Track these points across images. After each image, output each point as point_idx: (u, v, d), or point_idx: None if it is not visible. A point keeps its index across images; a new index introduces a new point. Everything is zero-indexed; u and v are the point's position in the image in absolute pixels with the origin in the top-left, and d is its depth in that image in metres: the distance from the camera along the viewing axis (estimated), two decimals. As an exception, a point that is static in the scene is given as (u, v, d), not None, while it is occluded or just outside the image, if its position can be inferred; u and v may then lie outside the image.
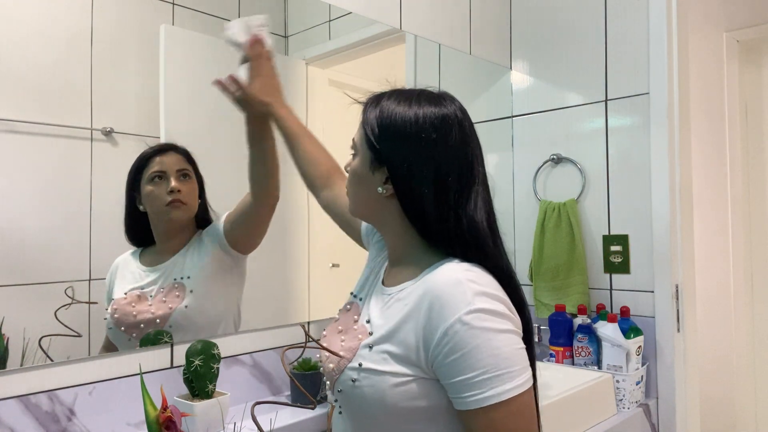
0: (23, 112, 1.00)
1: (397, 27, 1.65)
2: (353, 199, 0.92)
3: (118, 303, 1.13)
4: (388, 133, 0.85)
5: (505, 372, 0.72)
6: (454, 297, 0.74)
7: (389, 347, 0.79)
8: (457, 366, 0.73)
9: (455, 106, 0.88)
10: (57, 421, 1.00)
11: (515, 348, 0.74)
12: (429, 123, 0.83)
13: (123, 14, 1.13)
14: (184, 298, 1.20)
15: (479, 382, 0.72)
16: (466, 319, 0.72)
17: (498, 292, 0.77)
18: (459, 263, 0.80)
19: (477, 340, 0.72)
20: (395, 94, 0.89)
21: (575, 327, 1.71)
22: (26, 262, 1.00)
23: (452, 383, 0.74)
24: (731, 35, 2.62)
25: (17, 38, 1.00)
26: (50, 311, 1.02)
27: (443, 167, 0.83)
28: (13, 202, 0.99)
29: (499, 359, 0.72)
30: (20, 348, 0.98)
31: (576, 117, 1.86)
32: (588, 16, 1.83)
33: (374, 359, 0.80)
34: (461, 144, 0.85)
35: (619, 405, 1.56)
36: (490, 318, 0.73)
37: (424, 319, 0.76)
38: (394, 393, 0.77)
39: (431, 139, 0.83)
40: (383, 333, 0.81)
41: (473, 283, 0.75)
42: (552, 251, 1.84)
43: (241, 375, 1.27)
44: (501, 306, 0.76)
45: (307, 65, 1.48)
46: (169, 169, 1.18)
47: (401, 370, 0.77)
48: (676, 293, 1.66)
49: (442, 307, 0.74)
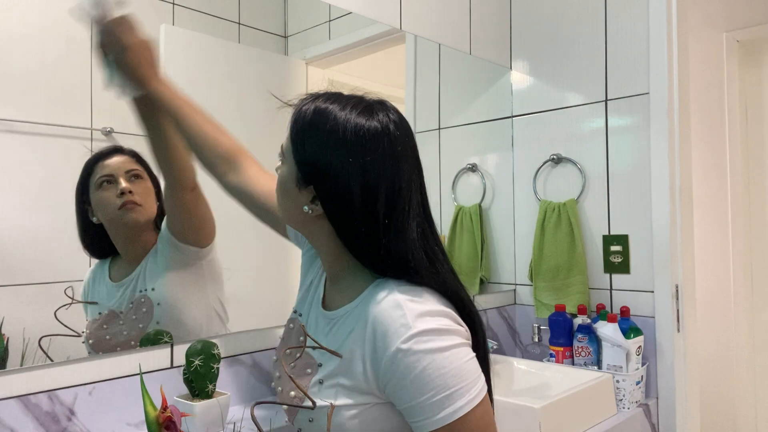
0: (23, 112, 1.00)
1: (397, 27, 1.65)
2: (281, 209, 0.88)
3: (90, 327, 1.07)
4: (312, 147, 0.79)
5: (455, 389, 0.71)
6: (394, 322, 0.73)
7: (339, 380, 0.78)
8: (407, 392, 0.72)
9: (389, 118, 0.80)
10: (57, 421, 1.00)
11: (463, 362, 0.73)
12: (357, 139, 0.77)
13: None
14: (153, 313, 1.13)
15: (430, 405, 0.71)
16: (407, 345, 0.71)
17: (438, 306, 0.76)
18: (397, 283, 0.78)
19: (422, 363, 0.71)
20: (328, 99, 0.81)
21: (575, 327, 1.71)
22: (26, 262, 1.00)
23: (405, 409, 0.73)
24: (731, 35, 2.62)
25: (17, 38, 1.00)
26: (50, 311, 1.02)
27: (371, 192, 0.77)
28: (13, 202, 0.99)
29: (447, 378, 0.71)
30: (20, 348, 0.98)
31: (576, 117, 1.86)
32: (588, 16, 1.83)
33: (326, 395, 0.79)
34: (391, 165, 0.78)
35: (619, 405, 1.56)
36: (431, 338, 0.72)
37: (369, 347, 0.75)
38: (353, 424, 0.76)
39: (358, 159, 0.76)
40: (332, 366, 0.79)
41: (413, 303, 0.74)
42: (552, 251, 1.84)
43: (241, 375, 1.27)
44: (444, 321, 0.74)
45: (307, 65, 1.48)
46: (117, 171, 1.10)
47: (355, 401, 0.76)
48: (676, 293, 1.66)
49: (384, 334, 0.73)
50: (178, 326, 1.17)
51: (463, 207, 1.90)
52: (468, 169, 1.93)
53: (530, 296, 1.93)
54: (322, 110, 0.79)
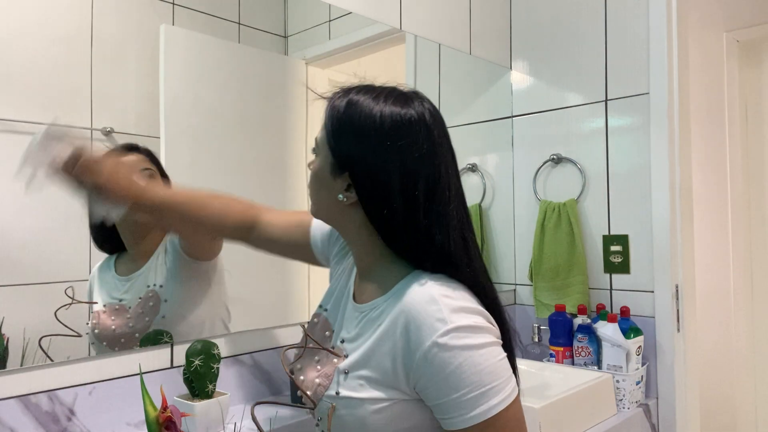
0: (23, 112, 1.00)
1: (397, 27, 1.65)
2: (315, 202, 0.86)
3: (97, 316, 1.09)
4: (348, 135, 0.79)
5: (490, 387, 0.71)
6: (429, 317, 0.72)
7: (365, 372, 0.77)
8: (441, 388, 0.71)
9: (424, 107, 0.80)
10: (57, 421, 1.00)
11: (497, 360, 0.73)
12: (393, 126, 0.77)
13: (123, 14, 1.13)
14: (160, 308, 1.16)
15: (465, 401, 0.70)
16: (444, 340, 0.70)
17: (473, 304, 0.75)
18: (431, 277, 0.77)
19: (458, 360, 0.70)
20: (361, 91, 0.81)
21: (575, 327, 1.71)
22: (26, 262, 1.00)
23: (437, 405, 0.73)
24: (731, 35, 2.62)
25: (17, 38, 1.00)
26: (50, 311, 1.02)
27: (410, 177, 0.76)
28: (12, 202, 0.99)
29: (483, 375, 0.70)
30: (20, 348, 0.98)
31: (576, 117, 1.86)
32: (588, 16, 1.83)
33: (351, 386, 0.78)
34: (429, 154, 0.78)
35: (619, 405, 1.56)
36: (468, 335, 0.71)
37: (401, 341, 0.73)
38: (375, 419, 0.75)
39: (396, 144, 0.76)
40: (358, 357, 0.78)
41: (448, 299, 0.73)
42: (552, 251, 1.84)
43: (241, 375, 1.27)
44: (478, 319, 0.74)
45: (307, 65, 1.48)
46: (134, 168, 1.13)
47: (380, 396, 0.75)
48: (676, 293, 1.66)
49: (419, 328, 0.72)
50: (182, 323, 1.19)
51: (463, 207, 1.90)
52: (468, 169, 1.93)
53: (530, 296, 1.93)
54: (357, 100, 0.79)
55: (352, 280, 0.91)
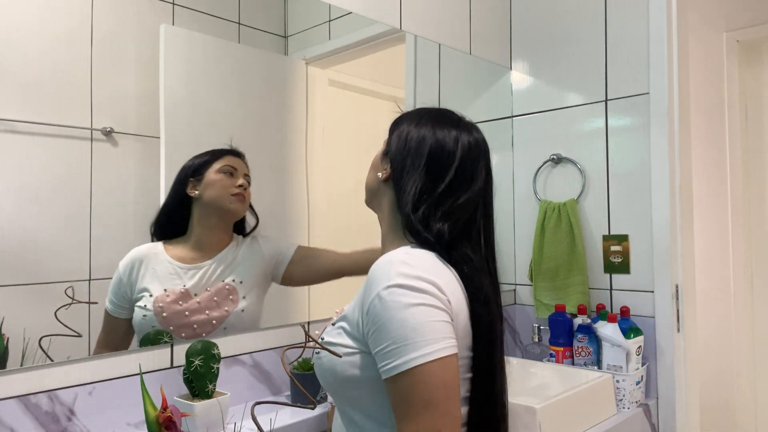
0: (23, 112, 1.00)
1: (397, 27, 1.65)
2: (366, 184, 1.01)
3: (162, 300, 1.13)
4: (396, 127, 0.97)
5: (411, 342, 0.75)
6: (379, 275, 0.80)
7: (343, 323, 0.87)
8: (376, 338, 0.78)
9: (456, 132, 0.95)
10: (57, 421, 1.00)
11: (427, 320, 0.77)
12: (433, 115, 0.95)
13: (123, 14, 1.13)
14: (238, 301, 1.24)
15: (388, 352, 0.76)
16: (383, 294, 0.78)
17: (425, 273, 0.80)
18: (410, 247, 0.87)
19: (389, 314, 0.77)
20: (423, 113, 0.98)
21: (575, 327, 1.71)
22: (26, 262, 1.00)
23: (375, 354, 0.79)
24: (731, 35, 2.62)
25: (17, 38, 1.00)
26: (50, 311, 1.02)
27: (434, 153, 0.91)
28: (13, 202, 0.99)
29: (407, 330, 0.76)
30: (20, 348, 0.98)
31: (576, 117, 1.86)
32: (588, 16, 1.83)
33: (332, 334, 0.88)
34: (464, 146, 0.95)
35: (619, 405, 1.55)
36: (403, 292, 0.77)
37: (361, 295, 0.83)
38: (341, 362, 0.84)
39: (431, 125, 0.93)
40: (344, 312, 0.89)
41: (402, 264, 0.81)
42: (552, 251, 1.84)
43: (241, 375, 1.27)
44: (421, 283, 0.79)
45: (307, 65, 1.48)
46: (240, 169, 1.27)
47: (348, 343, 0.84)
48: (676, 293, 1.66)
49: (370, 284, 0.81)
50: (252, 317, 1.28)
51: (463, 207, 1.90)
52: (468, 169, 1.93)
53: (530, 296, 1.93)
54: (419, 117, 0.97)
55: None
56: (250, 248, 1.30)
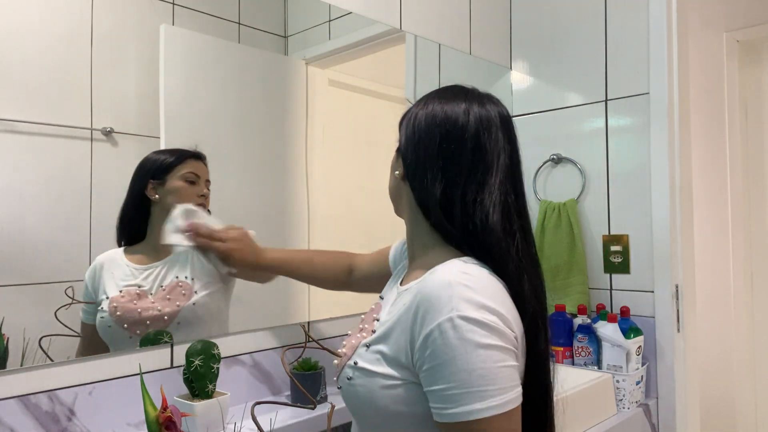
0: (23, 112, 1.00)
1: (397, 27, 1.65)
2: (389, 191, 0.93)
3: (116, 301, 1.12)
4: (404, 122, 0.88)
5: (477, 390, 0.66)
6: (439, 301, 0.69)
7: (383, 348, 0.77)
8: (433, 375, 0.69)
9: (464, 105, 0.85)
10: (57, 421, 1.00)
11: (496, 365, 0.68)
12: (443, 117, 0.83)
13: (123, 14, 1.13)
14: (191, 296, 1.22)
15: (450, 396, 0.67)
16: (445, 327, 0.68)
17: (493, 303, 0.71)
18: (460, 263, 0.75)
19: (453, 352, 0.67)
20: (429, 94, 0.91)
21: (575, 327, 1.71)
22: (26, 262, 1.00)
23: (428, 392, 0.71)
24: (731, 35, 2.62)
25: (17, 38, 1.00)
26: (50, 311, 1.02)
27: (451, 134, 0.81)
28: (13, 202, 0.99)
29: (473, 375, 0.67)
30: (20, 348, 0.98)
31: (576, 117, 1.86)
32: (588, 16, 1.83)
33: (368, 359, 0.78)
34: (478, 117, 0.82)
35: (619, 405, 1.56)
36: (471, 328, 0.67)
37: (411, 320, 0.72)
38: (383, 395, 0.75)
39: (439, 105, 0.84)
40: (380, 333, 0.78)
41: (464, 287, 0.70)
42: (552, 251, 1.84)
43: (241, 375, 1.27)
44: (490, 317, 0.69)
45: (307, 65, 1.48)
46: (203, 175, 1.24)
47: (392, 373, 0.75)
48: (676, 293, 1.66)
49: (427, 311, 0.70)
50: (207, 312, 1.25)
51: (463, 207, 1.90)
52: (468, 169, 1.93)
53: (530, 296, 1.93)
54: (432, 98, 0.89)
55: (405, 267, 0.95)
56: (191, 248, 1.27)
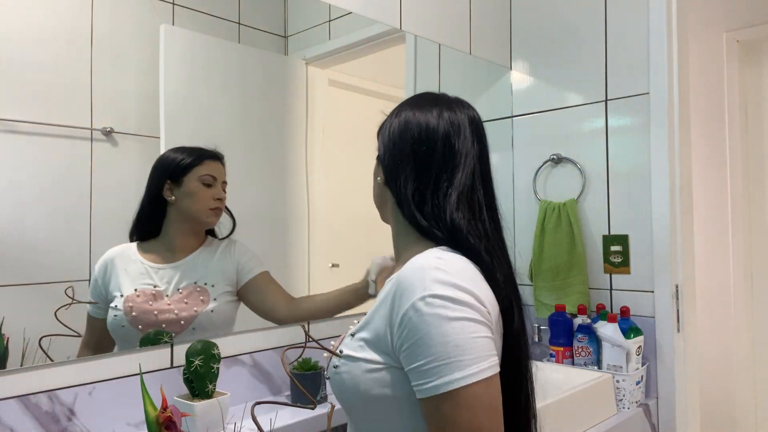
0: (23, 112, 1.00)
1: (397, 27, 1.65)
2: (373, 198, 0.96)
3: (132, 300, 1.12)
4: (384, 131, 0.91)
5: (454, 360, 0.69)
6: (413, 283, 0.73)
7: (365, 334, 0.80)
8: (411, 353, 0.72)
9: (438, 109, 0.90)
10: (57, 421, 1.00)
11: (470, 336, 0.71)
12: (414, 101, 0.91)
13: (123, 14, 1.13)
14: (209, 302, 1.22)
15: (427, 370, 0.70)
16: (419, 305, 0.71)
17: (463, 282, 0.74)
18: (435, 250, 0.79)
19: (427, 327, 0.70)
20: (402, 103, 0.93)
21: (575, 327, 1.71)
22: (26, 262, 1.00)
23: (409, 371, 0.73)
24: (731, 35, 2.62)
25: (17, 38, 1.00)
26: (50, 311, 1.02)
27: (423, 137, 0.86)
28: (13, 202, 0.99)
29: (449, 347, 0.69)
30: (20, 348, 0.98)
31: (576, 117, 1.86)
32: (588, 16, 1.83)
33: (353, 346, 0.81)
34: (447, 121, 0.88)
35: (619, 405, 1.55)
36: (443, 304, 0.71)
37: (389, 305, 0.75)
38: (366, 379, 0.77)
39: (411, 111, 0.88)
40: (363, 322, 0.82)
41: (436, 270, 0.74)
42: (552, 251, 1.84)
43: (241, 375, 1.27)
44: (461, 294, 0.73)
45: (307, 65, 1.48)
46: (219, 177, 1.24)
47: (374, 357, 0.77)
48: (676, 293, 1.66)
49: (402, 293, 0.74)
50: (222, 318, 1.26)
51: (463, 207, 1.90)
52: (468, 169, 1.93)
53: (530, 296, 1.93)
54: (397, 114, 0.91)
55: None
56: (225, 252, 1.28)
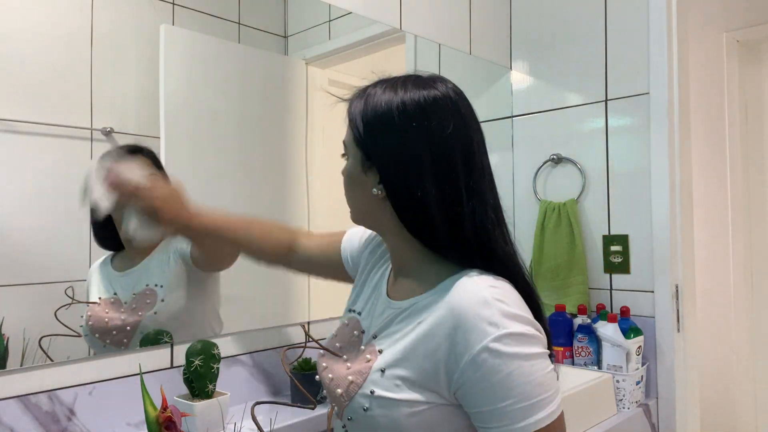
0: (23, 112, 1.00)
1: (397, 27, 1.65)
2: (351, 204, 0.85)
3: (93, 309, 1.10)
4: (374, 125, 0.77)
5: (538, 400, 0.68)
6: (481, 320, 0.68)
7: (403, 372, 0.73)
8: (487, 395, 0.68)
9: (447, 87, 0.79)
10: (57, 421, 1.00)
11: (546, 372, 0.70)
12: (418, 108, 0.75)
13: (123, 14, 1.13)
14: (155, 304, 1.16)
15: (511, 412, 0.67)
16: (495, 345, 0.67)
17: (525, 312, 0.72)
18: (481, 277, 0.73)
19: (509, 368, 0.67)
20: (380, 83, 0.80)
21: (575, 327, 1.71)
22: (26, 262, 1.00)
23: (480, 412, 0.69)
24: (731, 35, 2.62)
25: (17, 38, 1.00)
26: (50, 311, 1.02)
27: (442, 160, 0.74)
28: (12, 202, 0.99)
29: (533, 386, 0.68)
30: (20, 348, 0.98)
31: (576, 117, 1.86)
32: (588, 16, 1.83)
33: (387, 386, 0.73)
34: (460, 130, 0.76)
35: (619, 405, 1.56)
36: (520, 343, 0.68)
37: (446, 343, 0.70)
38: (410, 422, 0.72)
39: (423, 126, 0.75)
40: (397, 355, 0.74)
41: (501, 303, 0.69)
42: (552, 251, 1.84)
43: (241, 375, 1.27)
44: (530, 328, 0.70)
45: (307, 65, 1.48)
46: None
47: (417, 398, 0.71)
48: (676, 293, 1.66)
49: (468, 331, 0.68)
50: (172, 320, 1.18)
51: (463, 207, 1.90)
52: (468, 169, 1.93)
53: (530, 296, 1.93)
54: (375, 92, 0.78)
55: (386, 279, 0.88)
56: (166, 247, 1.20)
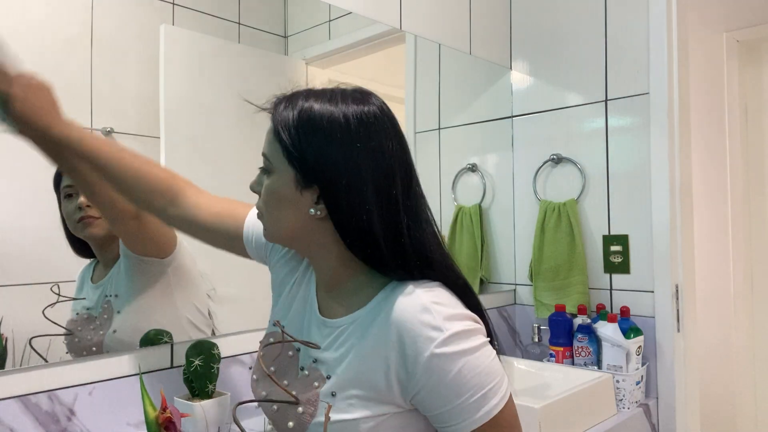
0: (23, 112, 1.00)
1: (397, 27, 1.65)
2: (275, 225, 0.79)
3: (70, 325, 1.05)
4: (313, 143, 0.72)
5: (490, 388, 0.71)
6: (424, 327, 0.70)
7: (356, 391, 0.73)
8: (443, 396, 0.70)
9: (380, 102, 0.77)
10: (57, 421, 1.00)
11: (491, 360, 0.73)
12: (361, 125, 0.73)
13: (123, 14, 1.13)
14: (112, 319, 1.09)
15: (468, 405, 0.70)
16: (442, 350, 0.69)
17: (462, 309, 0.74)
18: (414, 284, 0.74)
19: (458, 365, 0.69)
20: (308, 94, 0.76)
21: (575, 327, 1.71)
22: (25, 263, 1.00)
23: (439, 414, 0.71)
24: (731, 35, 2.62)
25: (17, 38, 1.00)
26: (49, 311, 1.02)
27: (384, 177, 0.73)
28: (12, 202, 0.99)
29: (482, 377, 0.70)
30: (20, 348, 0.98)
31: (576, 117, 1.86)
32: (588, 16, 1.83)
33: (341, 407, 0.73)
34: (397, 147, 0.76)
35: (619, 405, 1.56)
36: (463, 339, 0.70)
37: (394, 354, 0.71)
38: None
39: (367, 143, 0.72)
40: (347, 375, 0.74)
41: (439, 306, 0.72)
42: (552, 251, 1.84)
43: (241, 375, 1.27)
44: (469, 323, 0.73)
45: (307, 65, 1.48)
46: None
47: (374, 413, 0.73)
48: (676, 293, 1.66)
49: (414, 340, 0.70)
50: (136, 335, 1.13)
51: (463, 207, 1.90)
52: (468, 169, 1.93)
53: (530, 296, 1.93)
54: (311, 106, 0.74)
55: (313, 294, 0.85)
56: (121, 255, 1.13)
